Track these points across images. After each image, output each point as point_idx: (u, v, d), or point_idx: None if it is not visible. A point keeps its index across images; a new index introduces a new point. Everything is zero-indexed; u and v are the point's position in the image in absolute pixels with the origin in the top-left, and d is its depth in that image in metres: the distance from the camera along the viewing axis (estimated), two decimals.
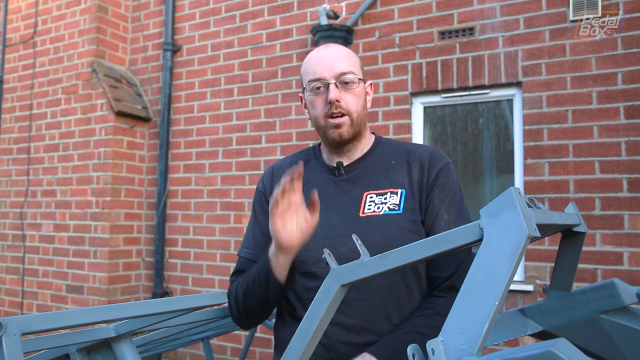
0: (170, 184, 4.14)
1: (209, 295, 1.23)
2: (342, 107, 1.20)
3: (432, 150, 1.27)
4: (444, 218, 1.18)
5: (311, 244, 1.19)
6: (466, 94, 3.16)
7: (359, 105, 1.23)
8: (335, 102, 1.19)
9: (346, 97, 1.21)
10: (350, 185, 1.25)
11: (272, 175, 1.36)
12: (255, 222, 1.34)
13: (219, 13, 4.04)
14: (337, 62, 1.21)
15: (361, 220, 1.19)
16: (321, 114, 1.23)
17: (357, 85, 1.22)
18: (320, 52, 1.25)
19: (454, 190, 1.22)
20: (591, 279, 2.69)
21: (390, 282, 1.16)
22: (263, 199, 1.34)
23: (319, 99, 1.23)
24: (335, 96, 1.19)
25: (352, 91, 1.22)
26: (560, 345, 0.57)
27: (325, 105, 1.21)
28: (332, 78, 1.20)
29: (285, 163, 1.37)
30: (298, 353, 0.87)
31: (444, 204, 1.20)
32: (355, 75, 1.22)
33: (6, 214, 4.57)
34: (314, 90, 1.23)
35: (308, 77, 1.24)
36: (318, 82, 1.22)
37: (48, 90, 4.45)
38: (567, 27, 2.87)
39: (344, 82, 1.21)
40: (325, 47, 1.27)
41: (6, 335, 0.81)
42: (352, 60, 1.24)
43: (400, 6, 3.35)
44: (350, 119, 1.22)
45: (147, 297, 4.17)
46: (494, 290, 0.68)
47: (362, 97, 1.24)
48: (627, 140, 2.69)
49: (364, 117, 1.26)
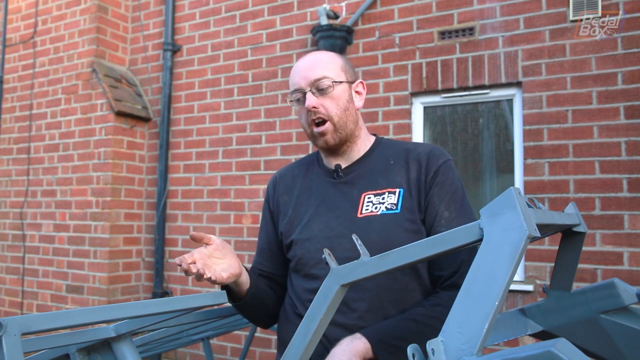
0: (170, 184, 4.14)
1: (209, 295, 1.23)
2: (322, 113, 1.22)
3: (431, 148, 1.26)
4: (445, 216, 1.18)
5: (310, 246, 1.20)
6: (466, 94, 3.16)
7: (339, 107, 1.23)
8: (312, 108, 1.21)
9: (324, 102, 1.22)
10: (349, 187, 1.25)
11: (275, 184, 1.40)
12: (260, 232, 1.42)
13: (219, 13, 4.04)
14: (310, 70, 1.23)
15: (359, 221, 1.19)
16: (306, 123, 1.26)
17: (333, 89, 1.22)
18: (298, 63, 1.28)
19: (454, 187, 1.21)
20: (591, 279, 2.69)
21: (388, 282, 1.16)
22: (267, 207, 1.40)
23: (301, 109, 1.25)
24: (311, 103, 1.21)
25: (329, 95, 1.22)
26: (560, 345, 0.57)
27: (307, 113, 1.23)
28: (308, 86, 1.23)
29: (287, 171, 1.40)
30: (298, 353, 0.87)
31: (444, 201, 1.19)
32: (330, 79, 1.22)
33: (6, 214, 4.57)
34: (296, 100, 1.26)
35: (290, 88, 1.28)
36: (297, 92, 1.25)
37: (48, 90, 4.45)
38: (567, 27, 2.87)
39: (319, 88, 1.22)
40: (304, 57, 1.29)
41: (6, 335, 0.81)
42: (328, 64, 1.25)
43: (400, 6, 3.35)
44: (332, 123, 1.23)
45: (147, 297, 4.17)
46: (494, 290, 0.68)
47: (342, 99, 1.24)
48: (627, 140, 2.69)
49: (351, 117, 1.25)
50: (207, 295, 1.17)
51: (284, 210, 1.32)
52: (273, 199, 1.37)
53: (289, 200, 1.33)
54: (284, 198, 1.34)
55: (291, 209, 1.31)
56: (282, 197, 1.35)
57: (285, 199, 1.34)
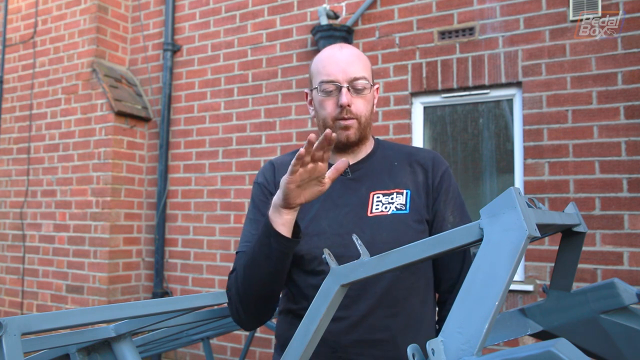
0: (170, 184, 4.14)
1: (209, 295, 1.23)
2: (352, 112, 1.21)
3: (434, 155, 1.31)
4: (450, 221, 1.23)
5: (320, 242, 1.19)
6: (466, 94, 3.16)
7: (368, 110, 1.25)
8: (347, 106, 1.20)
9: (357, 102, 1.22)
10: (357, 184, 1.25)
11: (273, 170, 1.31)
12: (256, 216, 1.27)
13: (219, 13, 4.04)
14: (350, 66, 1.21)
15: (369, 220, 1.19)
16: (330, 115, 1.22)
17: (369, 91, 1.24)
18: (335, 53, 1.24)
19: (456, 193, 1.28)
20: (591, 279, 2.69)
21: (390, 282, 1.16)
22: (266, 191, 1.29)
23: (329, 101, 1.22)
24: (347, 100, 1.19)
25: (364, 97, 1.23)
26: (560, 345, 0.57)
27: (335, 107, 1.21)
28: (345, 82, 1.21)
29: (285, 159, 1.34)
30: (298, 353, 0.87)
31: (449, 207, 1.25)
32: (368, 82, 1.23)
33: (6, 214, 4.57)
34: (326, 91, 1.22)
35: (320, 77, 1.23)
36: (330, 84, 1.21)
37: (48, 90, 4.45)
38: (567, 27, 2.87)
39: (356, 87, 1.21)
40: (339, 47, 1.26)
41: (6, 335, 0.81)
42: (365, 64, 1.25)
43: (400, 6, 3.35)
44: (359, 122, 1.23)
45: (147, 297, 4.17)
46: (494, 290, 0.68)
47: (371, 102, 1.27)
48: (627, 140, 2.69)
49: (372, 119, 1.28)
50: (207, 295, 1.17)
51: None
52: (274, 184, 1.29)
53: None
54: None
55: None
56: None
57: None
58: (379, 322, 1.15)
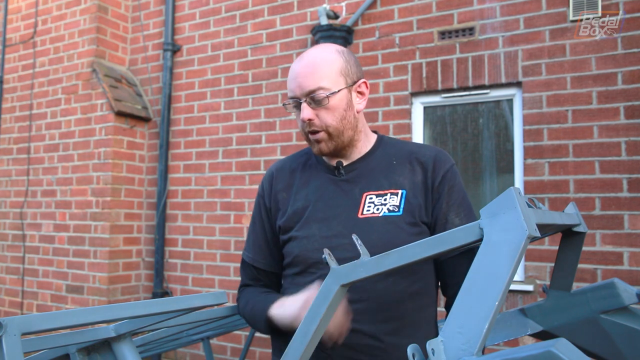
0: (170, 184, 4.14)
1: (209, 295, 1.23)
2: (316, 125, 1.19)
3: (436, 152, 1.24)
4: (455, 222, 1.17)
5: (309, 245, 1.19)
6: (466, 94, 3.16)
7: (336, 118, 1.19)
8: (307, 120, 1.18)
9: (321, 114, 1.19)
10: (350, 186, 1.23)
11: (271, 179, 1.34)
12: (255, 227, 1.34)
13: (219, 13, 4.04)
14: (305, 79, 1.18)
15: (360, 222, 1.17)
16: (302, 130, 1.24)
17: (328, 101, 1.18)
18: (294, 67, 1.24)
19: (462, 194, 1.21)
20: (591, 279, 2.69)
21: (388, 284, 1.15)
22: (262, 202, 1.33)
23: (298, 116, 1.22)
24: (307, 115, 1.18)
25: (325, 107, 1.18)
26: (560, 345, 0.57)
27: (302, 122, 1.21)
28: (303, 96, 1.19)
29: (285, 164, 1.36)
30: (298, 353, 0.87)
31: (453, 208, 1.19)
32: (325, 90, 1.17)
33: (6, 214, 4.57)
34: (293, 107, 1.23)
35: (288, 92, 1.24)
36: (292, 100, 1.21)
37: (48, 90, 4.45)
38: (567, 27, 2.87)
39: (315, 99, 1.18)
40: (299, 59, 1.24)
41: (6, 335, 0.81)
42: (325, 71, 1.19)
43: (400, 6, 3.35)
44: (327, 133, 1.19)
45: (147, 297, 4.17)
46: (494, 290, 0.68)
47: (338, 108, 1.19)
48: (627, 140, 2.69)
49: (349, 125, 1.21)
50: (207, 295, 1.17)
51: (283, 207, 1.29)
52: (270, 195, 1.32)
53: (288, 197, 1.29)
54: (282, 195, 1.30)
55: (289, 205, 1.27)
56: (280, 194, 1.31)
57: (284, 196, 1.30)
58: (368, 328, 1.12)
